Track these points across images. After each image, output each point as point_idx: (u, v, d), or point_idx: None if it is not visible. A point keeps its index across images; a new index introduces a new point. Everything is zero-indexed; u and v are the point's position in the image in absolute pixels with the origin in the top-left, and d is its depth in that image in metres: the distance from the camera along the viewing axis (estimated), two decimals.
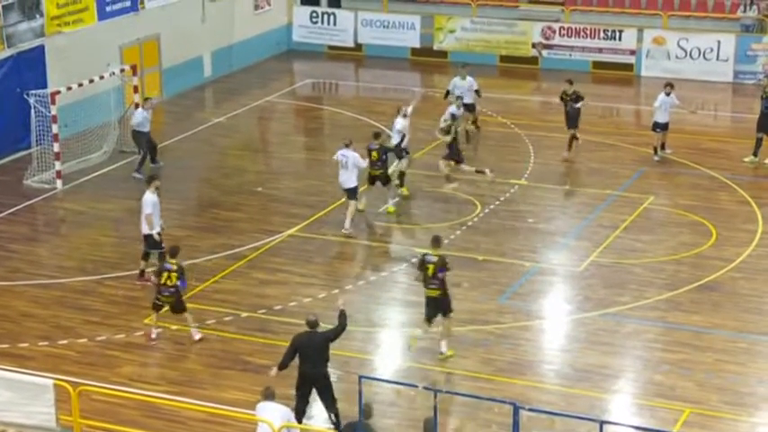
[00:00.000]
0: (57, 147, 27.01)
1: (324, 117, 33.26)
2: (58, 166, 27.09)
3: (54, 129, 26.97)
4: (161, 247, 21.76)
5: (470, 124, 29.70)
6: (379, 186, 25.25)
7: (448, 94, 29.33)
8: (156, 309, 19.90)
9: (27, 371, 17.79)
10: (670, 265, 22.81)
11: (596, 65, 36.74)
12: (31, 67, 29.05)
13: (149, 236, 21.88)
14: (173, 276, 19.60)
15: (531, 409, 14.92)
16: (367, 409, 15.34)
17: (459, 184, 26.34)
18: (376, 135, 25.06)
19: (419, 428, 15.34)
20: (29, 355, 19.45)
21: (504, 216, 25.18)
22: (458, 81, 29.51)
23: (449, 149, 26.15)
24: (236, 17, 37.04)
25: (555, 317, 21.06)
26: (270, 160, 30.08)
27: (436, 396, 14.35)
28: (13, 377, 16.24)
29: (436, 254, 19.21)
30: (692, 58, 35.76)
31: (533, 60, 37.28)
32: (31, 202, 26.38)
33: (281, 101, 34.40)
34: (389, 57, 37.74)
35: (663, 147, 28.49)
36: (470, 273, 22.44)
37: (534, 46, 37.28)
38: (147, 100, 28.54)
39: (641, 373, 19.05)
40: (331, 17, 39.18)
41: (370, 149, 24.70)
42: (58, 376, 17.45)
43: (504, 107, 32.95)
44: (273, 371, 16.92)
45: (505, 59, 37.48)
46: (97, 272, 22.66)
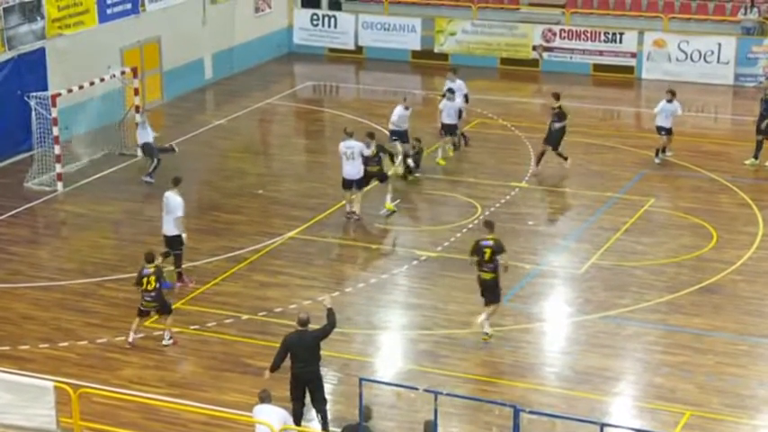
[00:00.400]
0: (57, 149, 27.02)
1: (324, 119, 33.25)
2: (58, 168, 27.09)
3: (54, 131, 26.98)
4: (180, 249, 21.85)
5: (451, 147, 29.05)
6: (382, 189, 25.26)
7: (447, 93, 29.33)
8: (142, 315, 19.85)
9: (27, 373, 17.76)
10: (671, 267, 22.80)
11: (597, 67, 36.75)
12: (31, 69, 29.05)
13: (177, 236, 21.83)
14: (152, 280, 19.54)
15: (531, 412, 14.91)
16: (366, 412, 15.33)
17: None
18: (370, 135, 25.22)
19: (419, 431, 15.33)
20: (29, 358, 19.44)
21: (505, 218, 25.15)
22: (448, 84, 29.54)
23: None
24: (236, 19, 37.06)
25: (556, 319, 21.04)
26: (270, 163, 30.08)
27: (437, 398, 14.34)
28: (14, 379, 16.24)
29: (491, 238, 19.74)
30: (692, 60, 35.76)
31: (534, 63, 37.29)
32: (32, 204, 26.38)
33: (281, 103, 34.41)
34: (390, 59, 37.75)
35: (664, 150, 28.42)
36: (471, 275, 22.35)
37: (535, 48, 37.28)
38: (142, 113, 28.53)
39: (642, 375, 19.03)
40: (332, 20, 39.19)
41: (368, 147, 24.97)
42: (58, 378, 17.47)
43: (505, 110, 32.95)
44: (266, 374, 16.94)
45: (506, 62, 37.49)
46: (97, 274, 22.66)
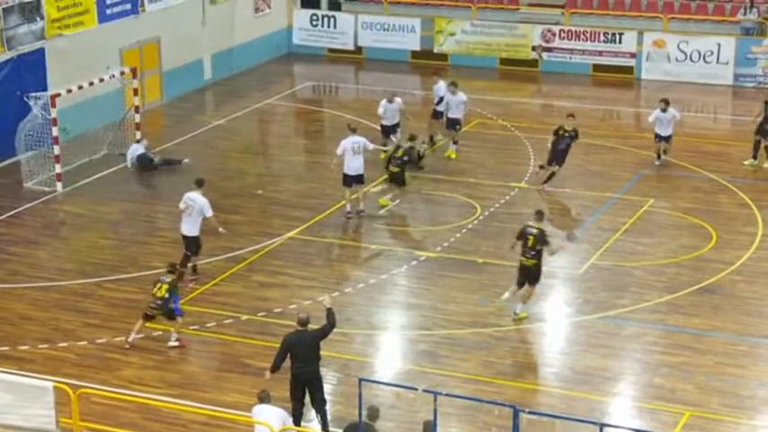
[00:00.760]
0: (57, 149, 27.01)
1: (324, 120, 33.25)
2: (57, 168, 27.08)
3: (54, 131, 26.97)
4: (196, 252, 21.93)
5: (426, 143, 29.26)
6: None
7: (441, 100, 29.43)
8: (146, 318, 19.84)
9: (27, 373, 17.76)
10: (670, 267, 22.81)
11: (596, 68, 36.75)
12: (31, 69, 29.04)
13: (196, 237, 21.88)
14: (163, 289, 19.56)
15: (530, 412, 14.91)
16: (373, 412, 15.35)
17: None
18: (412, 137, 26.47)
19: (419, 431, 15.33)
20: (28, 358, 19.44)
21: (504, 219, 25.17)
22: (434, 87, 29.68)
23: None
24: (236, 20, 37.06)
25: (555, 319, 21.04)
26: (270, 163, 30.09)
27: (436, 399, 14.34)
28: (13, 380, 16.22)
29: (537, 227, 20.32)
30: (692, 61, 35.76)
31: (533, 63, 37.29)
32: (31, 204, 26.37)
33: (281, 103, 34.41)
34: (390, 59, 37.76)
35: (665, 152, 28.34)
36: (470, 275, 22.44)
37: (534, 49, 37.29)
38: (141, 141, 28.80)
39: (641, 375, 19.04)
40: (331, 20, 39.19)
41: (398, 147, 25.95)
42: (57, 379, 17.47)
43: (505, 110, 32.95)
44: (267, 374, 16.96)
45: (505, 62, 37.50)
46: (97, 274, 22.66)
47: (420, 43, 38.36)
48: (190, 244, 22.02)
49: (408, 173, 25.90)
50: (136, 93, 29.62)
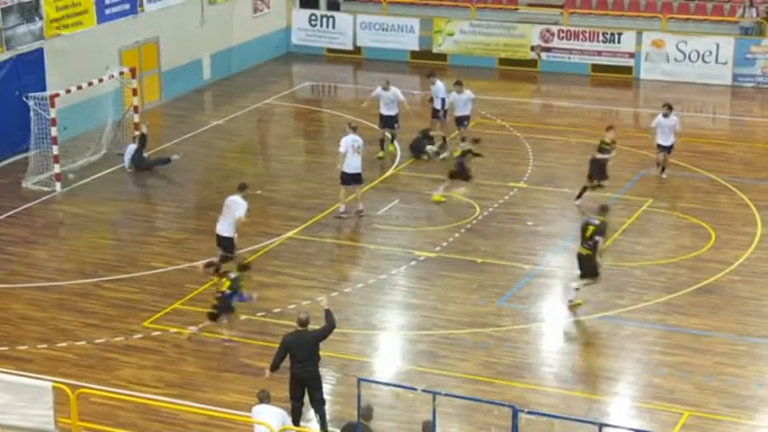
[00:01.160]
0: (55, 149, 27.00)
1: (323, 120, 33.25)
2: (56, 168, 27.07)
3: (53, 131, 26.96)
4: (233, 252, 21.96)
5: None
6: (381, 189, 25.29)
7: (431, 100, 29.52)
8: (212, 318, 19.72)
9: (26, 373, 17.76)
10: (669, 267, 22.81)
11: (595, 68, 36.76)
12: (30, 69, 29.03)
13: (231, 238, 21.92)
14: (225, 283, 19.50)
15: (530, 412, 14.90)
16: (368, 412, 15.33)
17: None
18: (476, 140, 26.25)
19: (418, 431, 15.33)
20: (27, 358, 19.43)
21: (503, 219, 25.18)
22: (432, 87, 29.63)
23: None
24: (235, 20, 37.05)
25: (554, 319, 21.04)
26: (269, 163, 30.08)
27: (435, 399, 14.34)
28: (12, 380, 16.20)
29: (600, 219, 20.84)
30: (690, 60, 35.77)
31: (532, 63, 37.30)
32: (30, 204, 26.36)
33: (280, 103, 34.41)
34: (388, 59, 37.74)
35: (662, 170, 27.20)
36: (469, 275, 22.44)
37: (533, 49, 37.30)
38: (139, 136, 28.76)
39: (640, 375, 19.04)
40: (330, 20, 39.19)
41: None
42: (56, 379, 17.46)
43: (504, 110, 32.95)
44: (267, 373, 16.96)
45: (504, 62, 37.50)
46: (96, 274, 22.65)
47: (419, 43, 38.36)
48: (226, 244, 22.03)
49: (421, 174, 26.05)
50: (135, 93, 29.63)
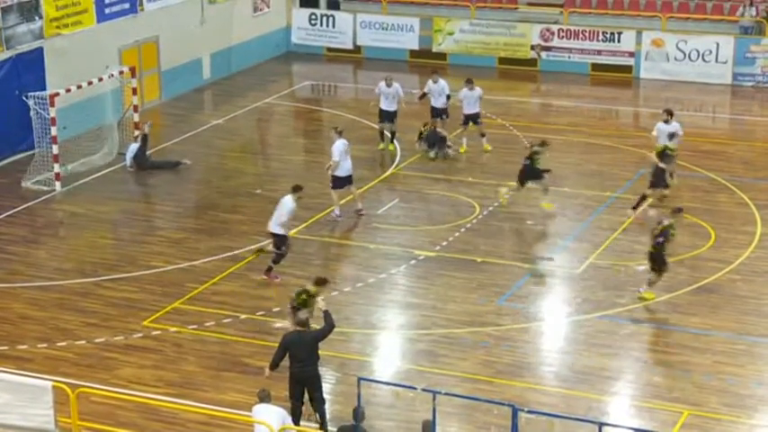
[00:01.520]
0: (55, 149, 27.00)
1: (323, 119, 33.24)
2: (56, 168, 27.08)
3: (53, 131, 26.97)
4: (282, 249, 21.98)
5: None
6: (381, 188, 25.30)
7: (424, 95, 29.51)
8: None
9: (25, 373, 17.76)
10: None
11: (595, 67, 36.76)
12: (29, 68, 29.04)
13: (279, 235, 21.94)
14: (299, 298, 18.68)
15: (529, 411, 14.93)
16: (360, 414, 15.32)
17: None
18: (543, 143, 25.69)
19: (418, 431, 15.34)
20: (27, 357, 19.43)
21: (503, 218, 25.19)
22: (430, 84, 29.59)
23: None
24: (234, 19, 37.06)
25: (554, 319, 21.05)
26: (269, 162, 30.09)
27: (435, 398, 14.35)
28: (12, 379, 16.20)
29: (672, 220, 21.17)
30: (690, 60, 35.77)
31: (532, 62, 37.30)
32: (30, 204, 26.37)
33: (279, 103, 34.41)
34: (388, 59, 37.74)
35: (671, 175, 26.03)
36: (469, 274, 22.45)
37: (533, 48, 37.30)
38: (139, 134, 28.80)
39: (640, 374, 19.04)
40: (330, 19, 39.20)
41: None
42: (56, 378, 17.46)
43: (504, 109, 32.95)
44: (267, 372, 16.96)
45: (504, 61, 37.50)
46: (95, 274, 22.65)
47: (419, 43, 38.37)
48: (277, 242, 22.06)
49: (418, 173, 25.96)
50: (135, 92, 29.63)
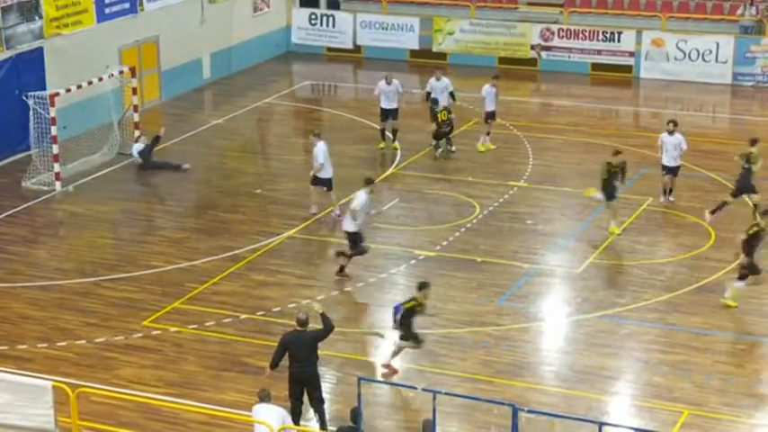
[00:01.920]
0: (55, 148, 27.00)
1: (323, 119, 33.24)
2: (56, 167, 27.08)
3: (53, 130, 26.97)
4: (360, 247, 22.01)
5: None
6: (381, 188, 25.28)
7: (429, 95, 29.53)
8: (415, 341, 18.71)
9: (26, 373, 17.76)
10: (669, 266, 22.82)
11: (595, 66, 36.77)
12: (29, 68, 29.04)
13: (350, 233, 21.94)
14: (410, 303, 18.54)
15: (529, 411, 14.93)
16: (352, 414, 15.34)
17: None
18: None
19: (418, 430, 15.35)
20: (27, 357, 19.44)
21: (503, 218, 25.19)
22: (433, 82, 29.60)
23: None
24: (234, 19, 37.06)
25: (554, 318, 21.05)
26: (269, 162, 30.09)
27: (435, 398, 14.35)
28: (12, 379, 16.20)
29: (763, 222, 20.91)
30: (690, 59, 35.77)
31: (532, 62, 37.30)
32: (30, 203, 26.37)
33: (279, 103, 34.41)
34: (388, 58, 37.73)
35: (669, 192, 25.78)
36: (469, 274, 22.45)
37: (533, 48, 37.30)
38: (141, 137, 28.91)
39: (640, 374, 19.04)
40: (330, 19, 39.20)
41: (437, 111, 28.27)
42: (56, 378, 17.46)
43: (503, 109, 32.83)
44: (267, 371, 16.96)
45: (504, 61, 37.50)
46: (96, 273, 22.66)
47: (419, 42, 38.37)
48: (352, 240, 22.08)
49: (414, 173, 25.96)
50: (135, 92, 29.63)
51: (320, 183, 25.08)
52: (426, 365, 19.10)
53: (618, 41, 36.45)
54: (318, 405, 16.80)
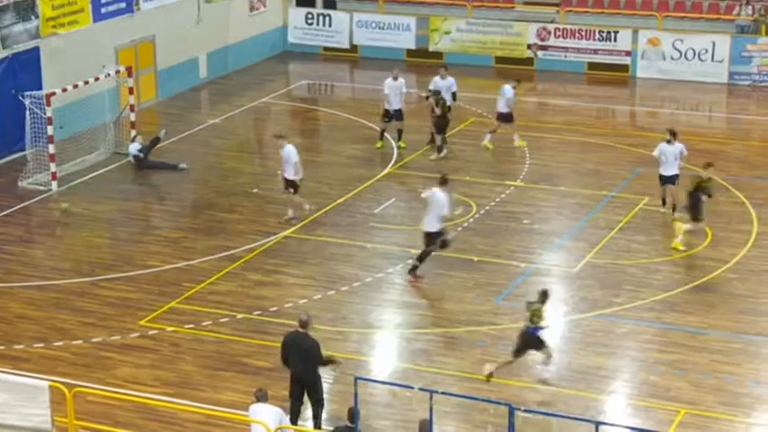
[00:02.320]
0: (52, 148, 26.98)
1: (319, 118, 33.24)
2: (53, 167, 27.06)
3: (49, 130, 26.95)
4: (435, 245, 21.97)
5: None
6: (378, 188, 25.30)
7: (431, 94, 29.54)
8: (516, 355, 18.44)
9: (22, 372, 17.76)
10: (665, 265, 22.83)
11: (591, 66, 36.77)
12: (26, 68, 29.02)
13: (436, 234, 21.89)
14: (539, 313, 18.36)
15: (526, 411, 14.91)
16: (349, 414, 15.33)
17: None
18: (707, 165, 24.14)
19: (414, 430, 15.34)
20: (24, 357, 19.43)
21: (500, 217, 25.20)
22: (438, 80, 29.58)
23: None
24: (231, 18, 37.05)
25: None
26: (265, 161, 30.06)
27: (432, 397, 14.35)
28: (9, 379, 16.19)
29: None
30: (686, 59, 35.78)
31: (529, 61, 37.30)
32: (26, 203, 26.36)
33: (276, 102, 34.40)
34: (385, 58, 37.71)
35: (673, 209, 24.79)
36: (466, 274, 22.45)
37: (530, 47, 37.30)
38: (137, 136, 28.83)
39: (637, 373, 19.06)
40: (326, 18, 39.20)
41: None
42: (53, 378, 17.47)
43: None
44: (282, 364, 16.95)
45: (501, 60, 37.50)
46: (92, 273, 22.64)
47: (415, 42, 38.36)
48: (426, 240, 22.02)
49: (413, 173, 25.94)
50: (131, 91, 29.62)
51: (293, 186, 24.80)
52: (423, 365, 19.11)
53: (614, 41, 36.47)
54: (317, 407, 16.80)
